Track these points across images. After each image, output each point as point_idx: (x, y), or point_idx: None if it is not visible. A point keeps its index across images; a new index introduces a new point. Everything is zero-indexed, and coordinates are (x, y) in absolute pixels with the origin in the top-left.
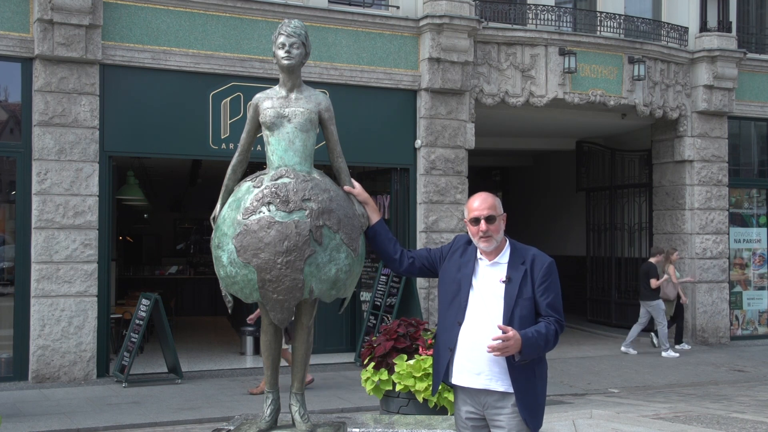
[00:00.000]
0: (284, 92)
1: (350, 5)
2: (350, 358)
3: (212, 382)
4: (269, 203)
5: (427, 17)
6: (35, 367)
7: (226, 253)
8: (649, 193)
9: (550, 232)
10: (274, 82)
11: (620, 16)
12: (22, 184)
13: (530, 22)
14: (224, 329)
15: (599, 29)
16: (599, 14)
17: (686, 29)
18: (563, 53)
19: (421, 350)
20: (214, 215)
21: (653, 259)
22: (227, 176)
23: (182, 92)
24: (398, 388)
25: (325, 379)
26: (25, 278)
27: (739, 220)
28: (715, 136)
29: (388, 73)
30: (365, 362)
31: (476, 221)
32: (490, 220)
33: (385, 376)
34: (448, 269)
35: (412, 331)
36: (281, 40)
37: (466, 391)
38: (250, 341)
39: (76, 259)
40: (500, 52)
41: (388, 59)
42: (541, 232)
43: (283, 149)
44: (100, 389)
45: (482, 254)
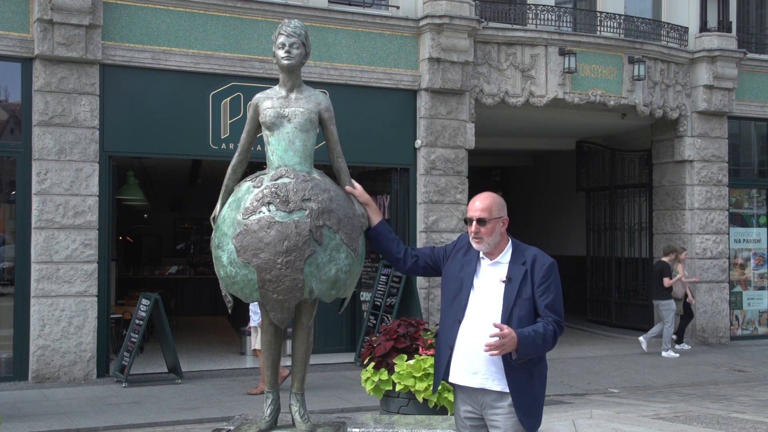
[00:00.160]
0: (284, 92)
1: (350, 5)
2: (350, 358)
3: (212, 382)
4: (269, 203)
5: (427, 17)
6: (35, 367)
7: (226, 253)
8: (649, 193)
9: (550, 232)
10: (274, 82)
11: (620, 16)
12: (22, 184)
13: (530, 22)
14: (224, 329)
15: (599, 29)
16: (599, 14)
17: (686, 29)
18: (563, 53)
19: (421, 350)
20: (214, 215)
21: (666, 258)
22: (227, 176)
23: (182, 92)
24: (398, 388)
25: (325, 379)
26: (25, 278)
27: (739, 220)
28: (715, 136)
29: (388, 73)
30: (365, 362)
31: (469, 221)
32: (480, 222)
33: (385, 376)
34: (451, 268)
35: (412, 331)
36: (281, 40)
37: (464, 390)
38: (250, 341)
39: (76, 259)
40: (500, 52)
41: (388, 59)
42: (541, 232)
43: (283, 149)
44: (100, 389)
45: (484, 254)
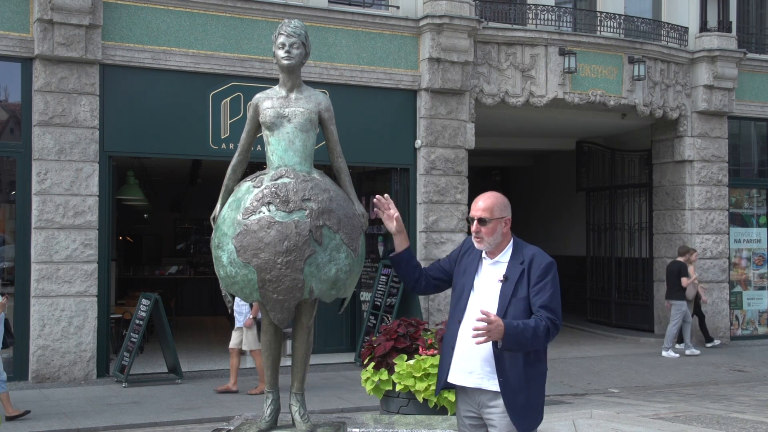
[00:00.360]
0: (284, 92)
1: (350, 5)
2: (350, 358)
3: (212, 382)
4: (269, 203)
5: (427, 17)
6: (35, 367)
7: (226, 253)
8: (649, 193)
9: (550, 232)
10: (274, 82)
11: (620, 16)
12: (22, 184)
13: (530, 22)
14: (224, 329)
15: (599, 29)
16: (599, 14)
17: (686, 29)
18: (563, 53)
19: (421, 350)
20: (214, 215)
21: (681, 258)
22: (227, 176)
23: (182, 92)
24: (398, 388)
25: (325, 379)
26: (25, 278)
27: (739, 220)
28: (715, 136)
29: (388, 73)
30: (365, 362)
31: (471, 220)
32: (481, 222)
33: (385, 376)
34: (457, 271)
35: (412, 331)
36: (281, 40)
37: (462, 390)
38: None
39: (76, 259)
40: (500, 52)
41: (388, 59)
42: (541, 232)
43: (283, 149)
44: (100, 389)
45: (486, 253)
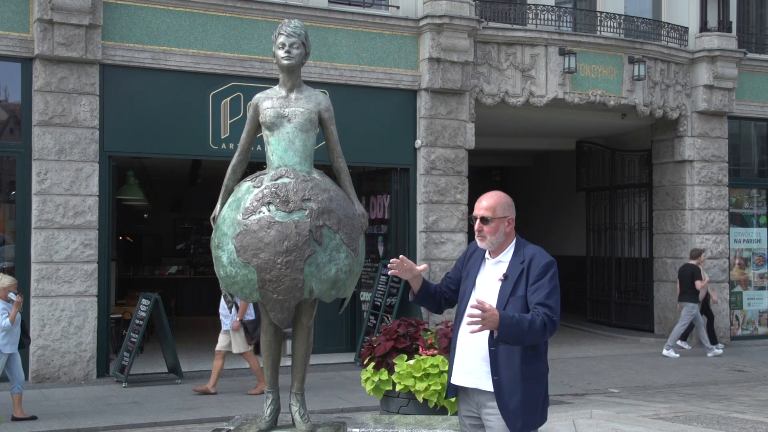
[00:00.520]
0: (284, 92)
1: (350, 5)
2: (350, 358)
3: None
4: (269, 203)
5: (427, 17)
6: (35, 367)
7: (226, 253)
8: (649, 193)
9: (550, 232)
10: (274, 82)
11: (620, 16)
12: (22, 184)
13: (530, 22)
14: None
15: (599, 29)
16: (599, 14)
17: (686, 29)
18: (563, 53)
19: (421, 350)
20: (214, 215)
21: (694, 261)
22: (227, 176)
23: (182, 92)
24: (398, 388)
25: (325, 379)
26: (25, 278)
27: (739, 220)
28: (715, 136)
29: (388, 73)
30: (365, 362)
31: (474, 219)
32: (483, 220)
33: (385, 376)
34: (463, 276)
35: (412, 331)
36: (281, 40)
37: (463, 390)
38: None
39: (76, 259)
40: (500, 52)
41: (388, 59)
42: (541, 232)
43: (283, 149)
44: (100, 389)
45: (489, 253)
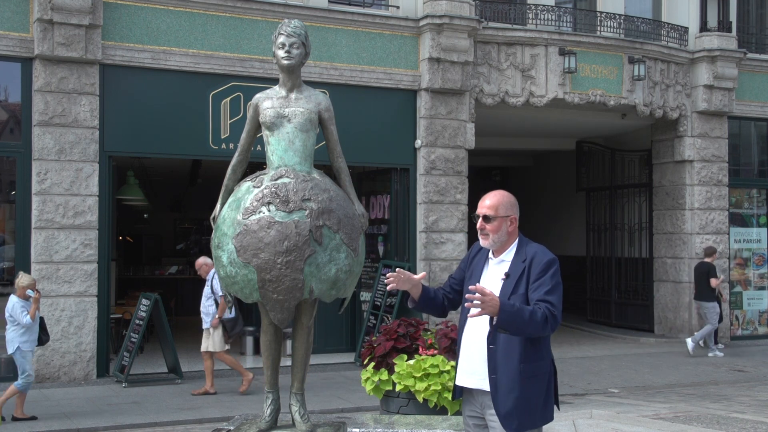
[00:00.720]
0: (284, 92)
1: (350, 5)
2: (350, 358)
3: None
4: (269, 203)
5: (427, 17)
6: (35, 367)
7: (226, 253)
8: (649, 193)
9: (550, 232)
10: (274, 82)
11: (620, 16)
12: (22, 184)
13: (530, 22)
14: None
15: (599, 29)
16: (599, 14)
17: (686, 29)
18: (563, 53)
19: (421, 350)
20: (214, 215)
21: (708, 258)
22: (227, 176)
23: (182, 92)
24: (398, 388)
25: (325, 379)
26: None
27: (739, 220)
28: (715, 136)
29: (388, 73)
30: (365, 362)
31: (476, 218)
32: (486, 219)
33: (385, 376)
34: (467, 277)
35: (412, 331)
36: (281, 40)
37: (467, 391)
38: (250, 341)
39: (76, 259)
40: (500, 52)
41: (388, 59)
42: (541, 232)
43: (283, 149)
44: (100, 389)
45: (492, 252)
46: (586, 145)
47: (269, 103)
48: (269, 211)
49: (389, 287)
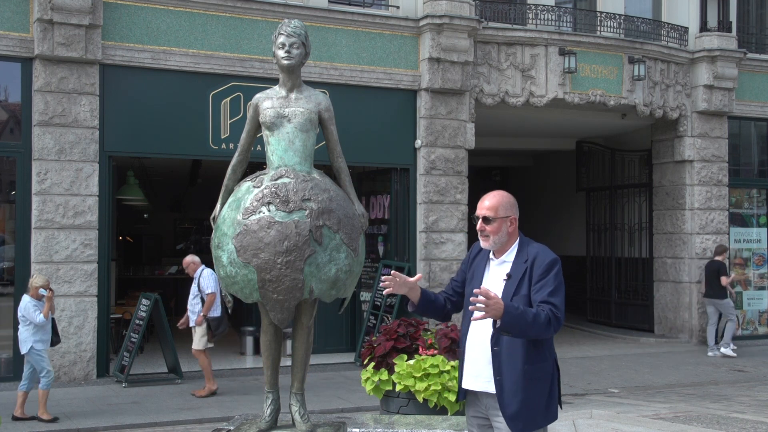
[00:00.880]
0: (284, 92)
1: (350, 5)
2: (350, 358)
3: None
4: (269, 203)
5: (427, 17)
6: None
7: (226, 253)
8: (649, 193)
9: (550, 232)
10: (274, 82)
11: (620, 16)
12: (22, 184)
13: (530, 22)
14: None
15: (599, 29)
16: (599, 14)
17: (686, 29)
18: (563, 53)
19: (421, 350)
20: (214, 215)
21: (719, 257)
22: (227, 176)
23: (182, 92)
24: (398, 388)
25: (325, 379)
26: (25, 278)
27: (739, 220)
28: (715, 136)
29: (388, 73)
30: (365, 362)
31: (476, 219)
32: (485, 220)
33: (385, 376)
34: (468, 278)
35: (412, 331)
36: (281, 40)
37: (471, 393)
38: (250, 341)
39: (76, 259)
40: (500, 52)
41: (388, 59)
42: (541, 232)
43: (283, 149)
44: (100, 389)
45: (493, 253)
46: (586, 145)
47: (269, 103)
48: (269, 211)
49: (385, 291)
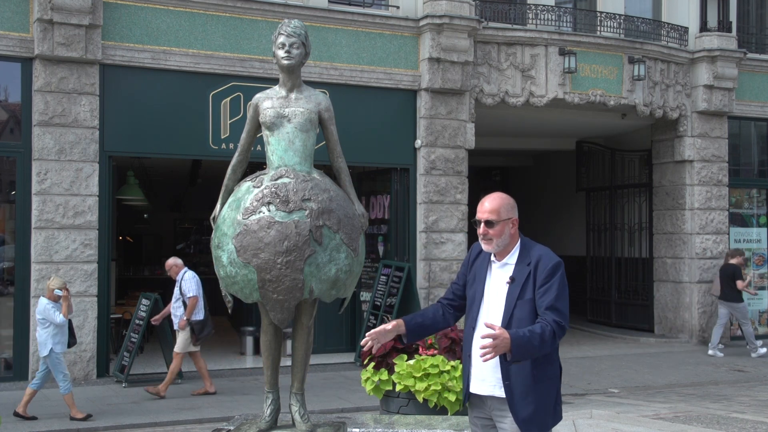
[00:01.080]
0: (284, 92)
1: (350, 5)
2: (350, 358)
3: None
4: (269, 203)
5: (427, 17)
6: (35, 367)
7: (226, 253)
8: (649, 193)
9: (550, 232)
10: (274, 82)
11: (620, 16)
12: (22, 184)
13: (530, 22)
14: (224, 329)
15: (599, 29)
16: (599, 14)
17: (686, 29)
18: (563, 53)
19: (421, 350)
20: (214, 215)
21: (734, 260)
22: (227, 176)
23: (182, 92)
24: (398, 388)
25: (325, 379)
26: (25, 278)
27: (739, 220)
28: (715, 136)
29: (388, 73)
30: (365, 362)
31: (478, 223)
32: (488, 224)
33: (385, 376)
34: (469, 281)
35: None
36: (281, 40)
37: (475, 395)
38: (250, 341)
39: (76, 259)
40: (500, 52)
41: (388, 59)
42: (541, 232)
43: (283, 149)
44: (100, 389)
45: (494, 256)
46: (586, 145)
47: (269, 103)
48: (269, 211)
49: (374, 351)
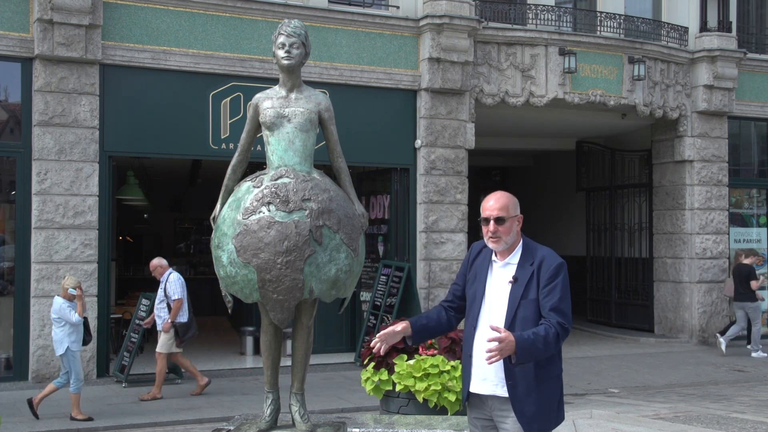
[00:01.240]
0: (284, 92)
1: (350, 5)
2: (350, 358)
3: (212, 382)
4: (269, 203)
5: (427, 17)
6: (35, 367)
7: (226, 253)
8: (649, 193)
9: (550, 232)
10: (274, 82)
11: (620, 16)
12: (22, 184)
13: (530, 22)
14: (224, 329)
15: (599, 29)
16: (599, 14)
17: (686, 29)
18: (563, 53)
19: (421, 350)
20: (214, 215)
21: (748, 260)
22: (227, 176)
23: (182, 92)
24: (398, 388)
25: (325, 379)
26: (25, 278)
27: (739, 220)
28: (715, 136)
29: (388, 73)
30: (365, 362)
31: (486, 221)
32: (498, 221)
33: (385, 376)
34: (469, 279)
35: None
36: (281, 40)
37: (475, 395)
38: (250, 341)
39: (76, 259)
40: (500, 52)
41: (388, 59)
42: (541, 232)
43: (283, 149)
44: (100, 389)
45: (496, 255)
46: (586, 145)
47: (269, 103)
48: (269, 211)
49: (382, 351)
